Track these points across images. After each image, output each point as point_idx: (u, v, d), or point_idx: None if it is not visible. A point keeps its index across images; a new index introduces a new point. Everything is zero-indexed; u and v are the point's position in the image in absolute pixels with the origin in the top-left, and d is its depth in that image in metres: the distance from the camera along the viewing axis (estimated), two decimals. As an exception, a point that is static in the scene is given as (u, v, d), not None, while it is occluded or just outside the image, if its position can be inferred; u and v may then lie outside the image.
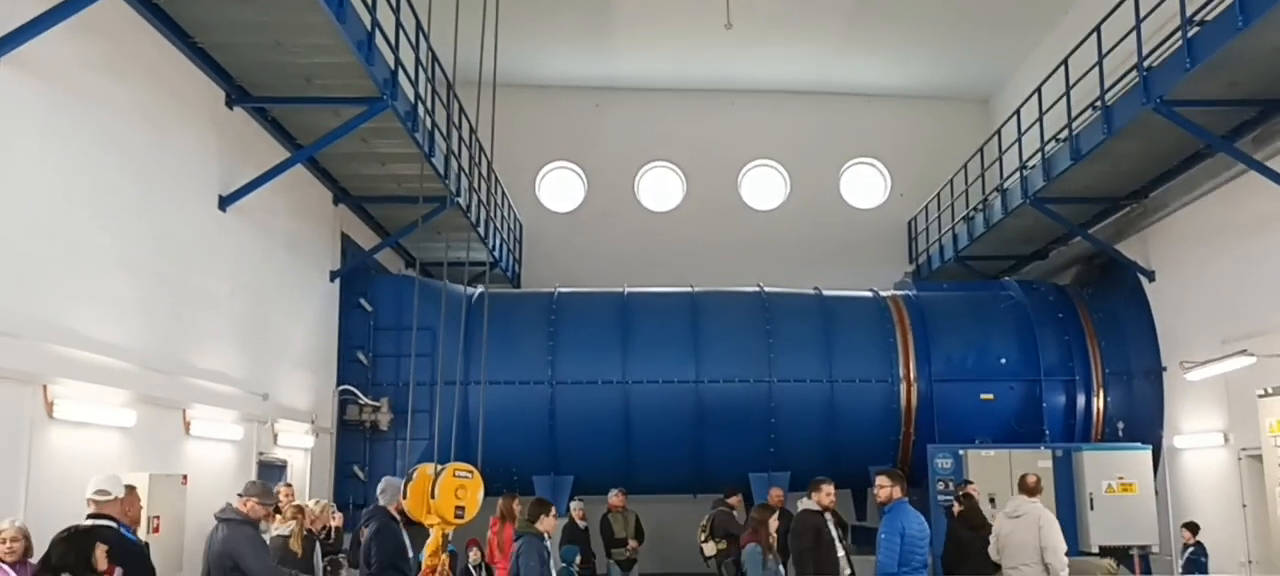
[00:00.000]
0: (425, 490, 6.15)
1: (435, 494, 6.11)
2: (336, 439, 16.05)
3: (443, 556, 6.28)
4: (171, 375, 10.70)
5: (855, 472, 17.22)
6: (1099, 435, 16.84)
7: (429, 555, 6.27)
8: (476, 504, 6.26)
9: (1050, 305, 17.66)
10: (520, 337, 17.01)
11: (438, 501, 6.10)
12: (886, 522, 8.83)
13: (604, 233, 22.69)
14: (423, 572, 6.30)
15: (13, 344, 8.10)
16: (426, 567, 6.27)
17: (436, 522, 6.19)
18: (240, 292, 12.63)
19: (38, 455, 8.35)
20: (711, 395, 16.88)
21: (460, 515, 6.19)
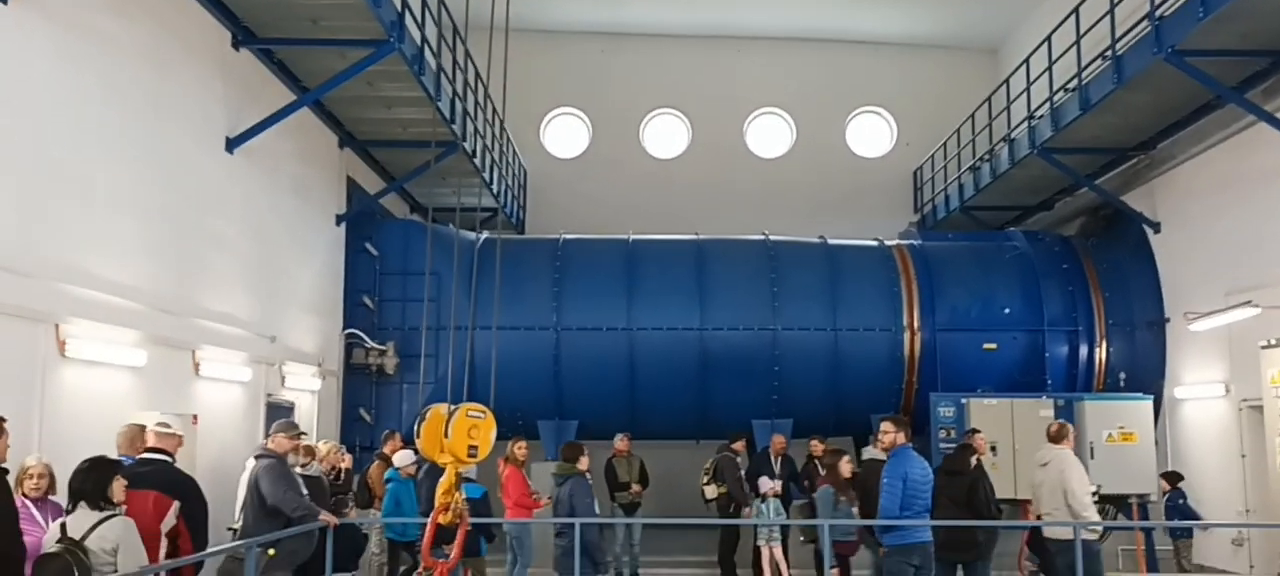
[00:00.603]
0: (439, 430, 6.22)
1: (449, 433, 6.18)
2: (343, 382, 16.16)
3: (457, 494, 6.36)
4: (181, 316, 10.77)
5: (858, 421, 17.32)
6: (1101, 385, 16.93)
7: (442, 493, 6.35)
8: (489, 443, 6.33)
9: (1055, 256, 17.68)
10: (526, 283, 17.03)
11: (451, 441, 6.17)
12: (889, 467, 8.90)
13: (609, 180, 22.64)
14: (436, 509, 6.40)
15: (25, 283, 8.16)
16: (439, 504, 6.36)
17: (450, 461, 6.26)
18: (248, 235, 12.67)
19: (51, 393, 8.44)
20: (716, 342, 16.94)
21: (473, 454, 6.26)
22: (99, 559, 5.60)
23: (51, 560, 5.54)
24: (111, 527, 5.74)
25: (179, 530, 6.72)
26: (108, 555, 5.65)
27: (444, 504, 6.35)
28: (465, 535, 6.74)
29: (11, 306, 7.99)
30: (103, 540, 5.68)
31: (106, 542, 5.68)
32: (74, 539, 5.65)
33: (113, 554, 5.66)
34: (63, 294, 8.66)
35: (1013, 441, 15.19)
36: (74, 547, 5.58)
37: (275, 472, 8.15)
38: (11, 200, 8.16)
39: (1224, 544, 14.05)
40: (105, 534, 5.69)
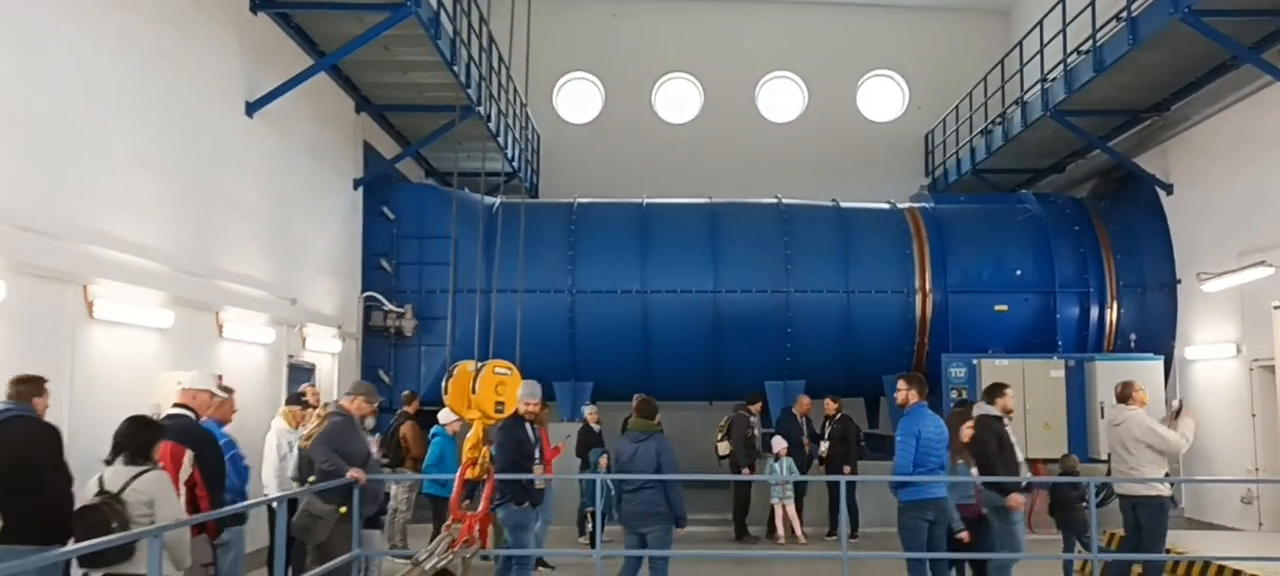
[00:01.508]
0: (466, 386, 6.35)
1: (475, 389, 6.31)
2: (362, 344, 16.33)
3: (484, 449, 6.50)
4: (204, 278, 10.92)
5: (869, 382, 17.51)
6: (1111, 346, 17.03)
7: (469, 448, 6.49)
8: (515, 399, 6.47)
9: (1066, 218, 17.72)
10: (540, 247, 17.14)
11: (478, 396, 6.30)
12: (903, 425, 9.01)
13: (620, 144, 22.67)
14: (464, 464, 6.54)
15: (52, 244, 8.30)
16: (467, 459, 6.50)
17: (477, 417, 6.39)
18: (267, 198, 12.79)
19: (80, 353, 8.60)
20: (729, 305, 17.07)
21: (500, 410, 6.39)
22: (136, 510, 5.74)
23: (90, 512, 5.68)
24: (147, 481, 5.89)
25: (195, 480, 6.84)
26: (144, 507, 5.78)
27: (472, 458, 6.49)
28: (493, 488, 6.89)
29: (40, 267, 8.13)
30: (138, 493, 5.82)
31: (142, 495, 5.82)
32: (112, 492, 5.79)
33: (149, 506, 5.80)
34: (89, 255, 8.80)
35: (1024, 402, 15.32)
36: (112, 500, 5.73)
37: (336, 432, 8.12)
38: (37, 162, 8.28)
39: (1233, 502, 14.18)
40: (140, 487, 5.83)
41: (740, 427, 14.27)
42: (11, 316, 7.77)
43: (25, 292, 7.92)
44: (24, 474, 6.03)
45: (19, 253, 7.84)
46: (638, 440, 8.88)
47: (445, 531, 6.48)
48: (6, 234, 7.71)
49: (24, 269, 7.90)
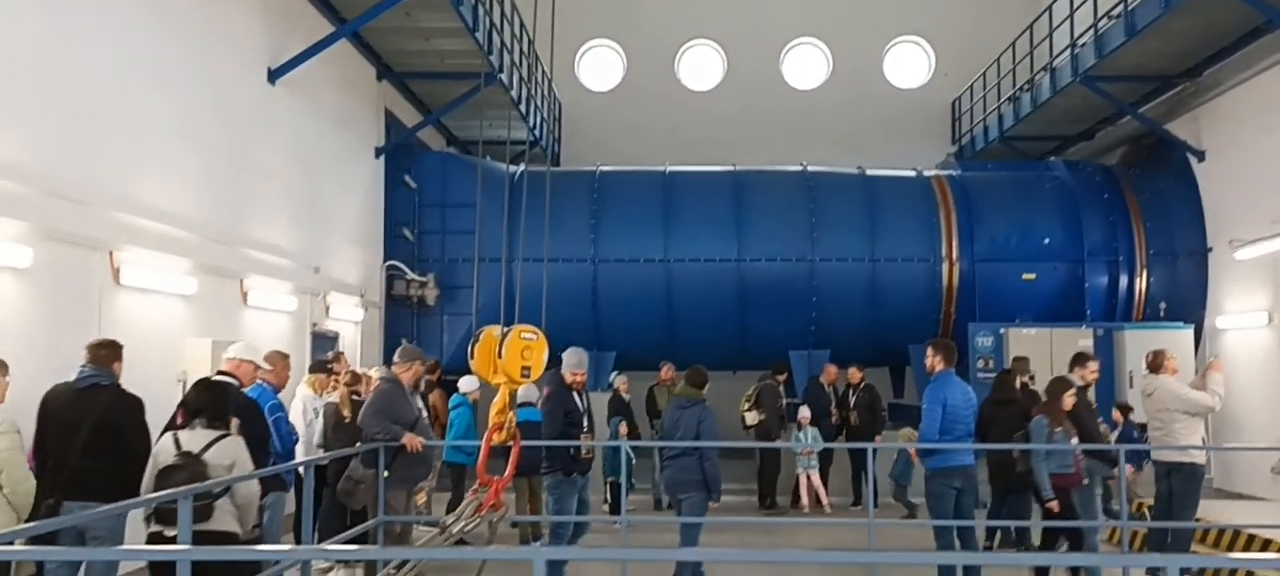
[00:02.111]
0: (492, 351, 6.32)
1: (502, 354, 6.28)
2: (385, 313, 16.35)
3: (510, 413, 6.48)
4: (229, 245, 10.94)
5: (895, 351, 17.39)
6: (1140, 315, 16.85)
7: (496, 413, 6.47)
8: (542, 364, 6.43)
9: (1096, 185, 17.51)
10: (563, 216, 17.06)
11: (505, 361, 6.27)
12: (929, 393, 8.93)
13: (644, 112, 22.51)
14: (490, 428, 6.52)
15: (79, 210, 8.33)
16: (493, 424, 6.48)
17: (504, 382, 6.37)
18: (290, 166, 12.79)
19: (107, 318, 8.62)
20: (753, 273, 16.99)
21: (526, 375, 6.36)
22: (216, 472, 5.92)
23: (175, 471, 5.84)
24: (229, 445, 6.08)
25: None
26: (224, 469, 5.97)
27: (498, 423, 6.47)
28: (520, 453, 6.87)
29: (67, 233, 8.16)
30: (221, 455, 6.01)
31: (224, 458, 6.02)
32: (192, 453, 5.94)
33: (229, 469, 6.00)
34: (116, 222, 8.82)
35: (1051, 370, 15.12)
36: (193, 460, 5.90)
37: (380, 398, 8.38)
38: (64, 129, 8.28)
39: (1263, 472, 14.03)
40: (223, 450, 6.03)
41: (771, 397, 14.16)
42: (39, 282, 7.80)
43: (53, 258, 7.95)
44: (108, 437, 6.30)
45: (46, 218, 7.86)
46: (682, 407, 8.95)
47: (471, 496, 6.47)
48: (34, 200, 7.73)
49: (51, 234, 7.92)
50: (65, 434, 6.37)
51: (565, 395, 8.65)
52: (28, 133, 7.83)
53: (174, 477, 5.78)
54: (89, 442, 6.31)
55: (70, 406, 6.44)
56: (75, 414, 6.39)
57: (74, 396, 6.49)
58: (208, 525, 5.82)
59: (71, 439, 6.34)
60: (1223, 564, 8.83)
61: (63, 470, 6.30)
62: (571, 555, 8.52)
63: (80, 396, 6.48)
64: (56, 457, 6.35)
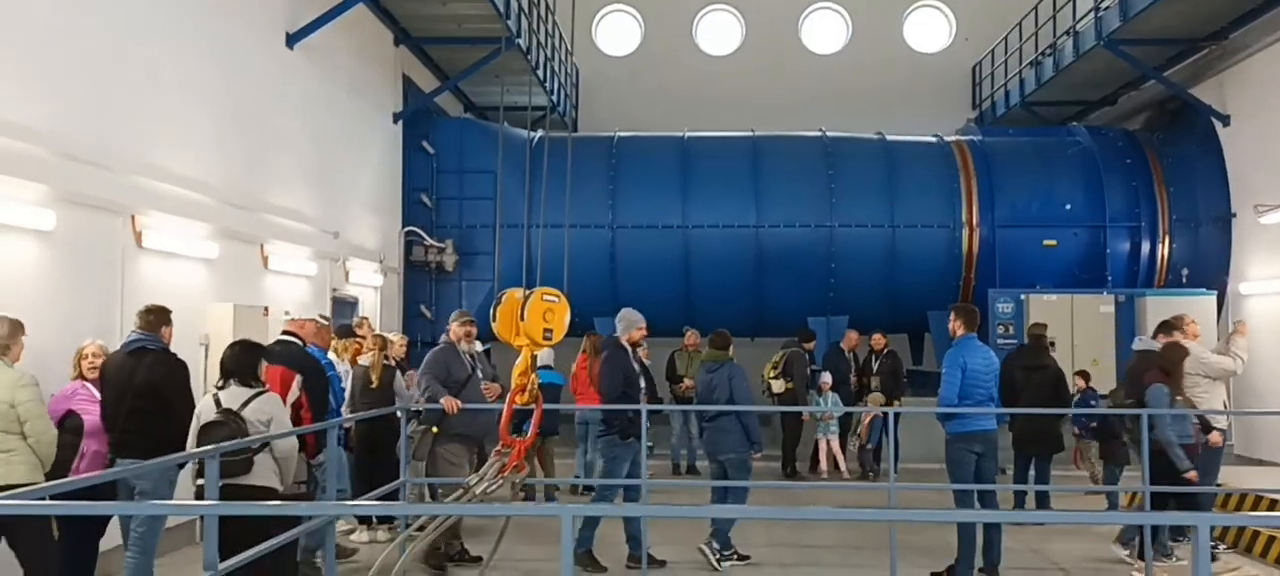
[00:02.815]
0: (514, 313, 6.31)
1: (524, 316, 6.27)
2: (404, 278, 16.39)
3: (532, 376, 6.48)
4: (249, 210, 10.95)
5: (914, 318, 17.34)
6: (1162, 282, 16.75)
7: (518, 375, 6.47)
8: (564, 327, 6.41)
9: (1118, 151, 17.36)
10: (581, 182, 17.01)
11: (527, 323, 6.26)
12: (949, 357, 8.87)
13: (661, 78, 22.40)
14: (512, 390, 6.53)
15: (102, 175, 8.34)
16: (516, 386, 6.48)
17: (525, 344, 6.37)
18: (309, 132, 12.78)
19: (130, 282, 8.66)
20: (772, 240, 16.94)
21: (548, 337, 6.35)
22: (254, 428, 6.19)
23: (217, 427, 6.11)
24: (266, 402, 6.39)
25: (302, 403, 7.35)
26: (262, 425, 6.25)
27: (520, 385, 6.47)
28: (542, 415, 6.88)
29: (90, 197, 8.18)
30: (258, 412, 6.29)
31: (262, 415, 6.30)
32: (232, 410, 6.22)
33: (266, 425, 6.28)
34: (138, 186, 8.84)
35: (1072, 337, 15.15)
36: (233, 417, 6.17)
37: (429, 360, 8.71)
38: (83, 93, 8.28)
39: (1284, 439, 13.97)
40: (261, 407, 6.32)
41: (800, 365, 14.03)
42: (62, 246, 7.83)
43: (75, 222, 7.97)
44: (156, 399, 6.59)
45: (68, 182, 7.88)
46: (712, 370, 9.08)
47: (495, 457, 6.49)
48: (55, 163, 7.74)
49: (73, 198, 7.94)
50: (115, 396, 6.66)
51: (622, 356, 8.70)
52: (47, 97, 7.84)
53: (215, 434, 6.03)
54: (135, 404, 6.60)
55: (120, 370, 6.72)
56: (124, 376, 6.67)
57: (123, 360, 6.77)
58: (248, 479, 6.10)
59: (120, 400, 6.63)
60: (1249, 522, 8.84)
61: (113, 430, 6.63)
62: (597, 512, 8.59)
63: (128, 360, 6.74)
64: (109, 418, 6.67)
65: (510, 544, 8.68)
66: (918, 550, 8.90)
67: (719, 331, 9.44)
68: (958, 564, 8.33)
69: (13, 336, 6.30)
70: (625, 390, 8.57)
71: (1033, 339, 11.38)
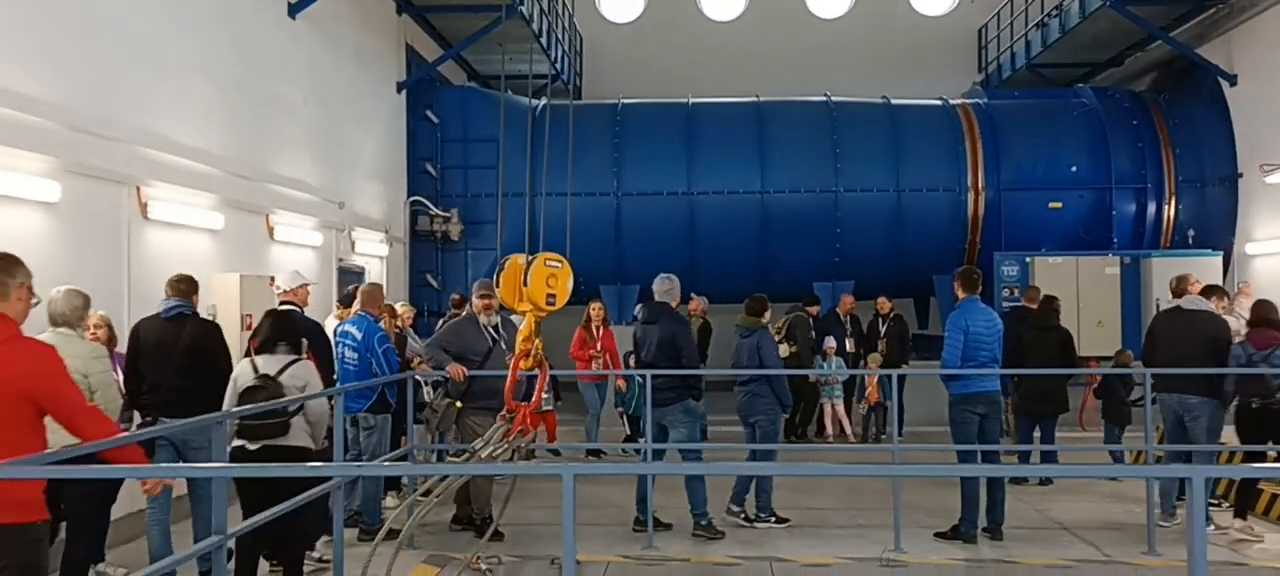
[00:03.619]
0: (517, 278, 6.35)
1: (527, 282, 6.31)
2: (410, 248, 16.43)
3: (536, 341, 6.53)
4: (254, 181, 10.99)
5: (919, 282, 17.36)
6: (1169, 242, 16.73)
7: (522, 340, 6.52)
8: (567, 292, 6.45)
9: (1124, 111, 17.29)
10: (585, 150, 16.98)
11: (530, 289, 6.30)
12: (951, 320, 8.91)
13: (665, 44, 22.29)
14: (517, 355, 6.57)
15: (108, 146, 8.37)
16: (520, 352, 6.53)
17: (529, 309, 6.41)
18: (313, 102, 12.78)
19: (136, 253, 8.73)
20: (777, 205, 16.94)
21: (552, 302, 6.39)
22: (290, 392, 6.46)
23: (257, 391, 6.40)
24: (302, 367, 6.70)
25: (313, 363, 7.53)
26: (297, 389, 6.52)
27: (525, 350, 6.52)
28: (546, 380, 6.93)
29: (94, 168, 8.22)
30: (295, 377, 6.58)
31: (298, 380, 6.59)
32: (270, 375, 6.49)
33: (302, 388, 6.56)
34: (142, 157, 8.88)
35: (1077, 299, 15.13)
36: (271, 381, 6.45)
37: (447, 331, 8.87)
38: (86, 65, 8.30)
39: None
40: (297, 372, 6.62)
41: (803, 330, 14.03)
42: (67, 216, 7.88)
43: (81, 193, 8.02)
44: (198, 360, 6.91)
45: (73, 154, 7.91)
46: (744, 336, 9.16)
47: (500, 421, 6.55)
48: (60, 135, 7.77)
49: (78, 169, 7.98)
50: (159, 359, 6.93)
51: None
52: (52, 69, 7.86)
53: (256, 397, 6.32)
54: (181, 366, 6.89)
55: (161, 334, 6.99)
56: (166, 341, 6.94)
57: (163, 325, 7.02)
58: (284, 440, 6.37)
59: (165, 363, 6.90)
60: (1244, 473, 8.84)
61: (158, 391, 6.91)
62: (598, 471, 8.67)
63: (168, 325, 7.00)
64: (152, 380, 6.94)
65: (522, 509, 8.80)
66: (923, 511, 8.97)
67: (755, 297, 9.47)
68: (961, 523, 8.42)
69: (85, 308, 6.58)
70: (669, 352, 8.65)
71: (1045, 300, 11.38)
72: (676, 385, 8.61)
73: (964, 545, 8.30)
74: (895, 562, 7.81)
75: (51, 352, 4.40)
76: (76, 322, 6.48)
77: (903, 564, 7.81)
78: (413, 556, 7.84)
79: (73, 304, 6.44)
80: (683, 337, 8.74)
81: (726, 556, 8.07)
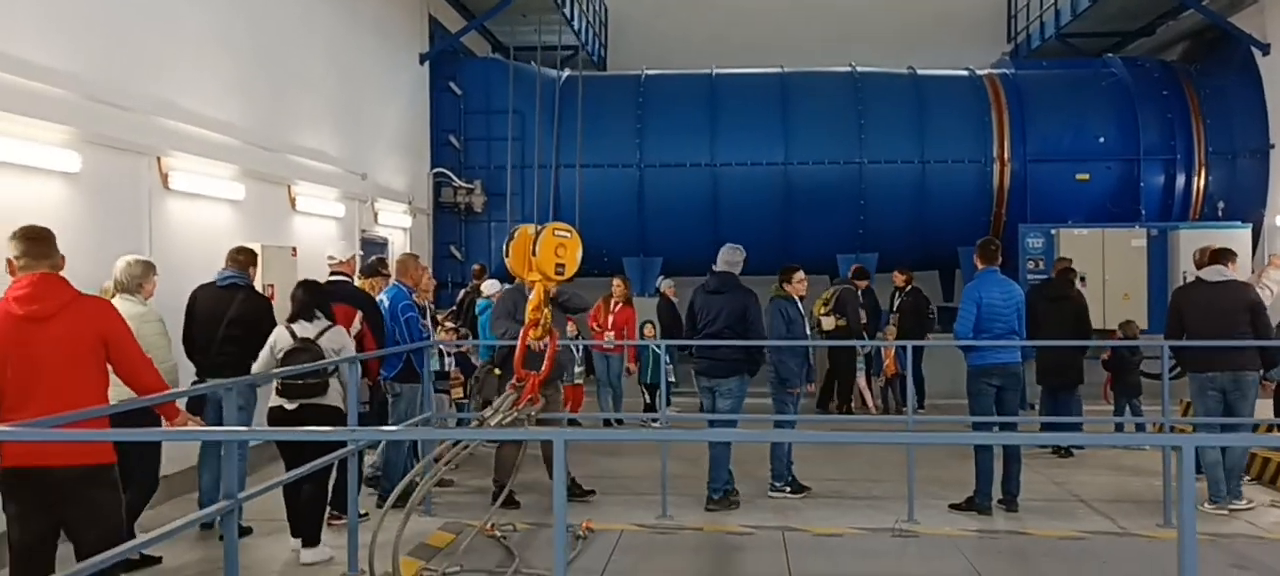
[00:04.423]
0: (526, 248, 6.38)
1: (536, 251, 6.33)
2: (433, 220, 16.51)
3: (546, 310, 6.56)
4: (275, 152, 11.07)
5: (944, 254, 17.24)
6: (1197, 215, 16.52)
7: (531, 310, 6.55)
8: (576, 262, 6.46)
9: (1154, 82, 17.04)
10: (609, 121, 17.05)
11: (538, 258, 6.33)
12: (966, 292, 8.89)
13: (690, 14, 22.14)
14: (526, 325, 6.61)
15: (128, 117, 8.46)
16: (529, 320, 6.56)
17: (538, 279, 6.43)
18: (334, 73, 12.84)
19: (158, 223, 8.83)
20: (800, 177, 16.87)
21: (561, 272, 6.41)
22: (327, 355, 6.94)
23: (298, 353, 6.89)
24: (336, 333, 7.18)
25: (365, 333, 8.07)
26: (333, 353, 7.00)
27: (534, 320, 6.55)
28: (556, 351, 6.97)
29: (115, 139, 8.30)
30: (331, 341, 7.07)
31: (334, 344, 7.08)
32: (309, 339, 6.98)
33: (337, 352, 7.04)
34: (163, 128, 8.97)
35: (1103, 272, 15.01)
36: (311, 344, 6.95)
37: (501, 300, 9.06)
38: (104, 37, 8.37)
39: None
40: (333, 337, 7.12)
41: (853, 303, 13.80)
42: (88, 187, 7.97)
43: (101, 164, 8.11)
44: (245, 328, 7.40)
45: (93, 124, 8.00)
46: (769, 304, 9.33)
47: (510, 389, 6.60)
48: (79, 105, 7.86)
49: (98, 140, 8.07)
50: (209, 324, 7.51)
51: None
52: (71, 39, 7.94)
53: (297, 359, 6.82)
54: (228, 332, 7.44)
55: (214, 302, 7.56)
56: (218, 308, 7.51)
57: (217, 293, 7.60)
58: (322, 400, 6.87)
59: (214, 329, 7.48)
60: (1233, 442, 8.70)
61: (207, 353, 7.50)
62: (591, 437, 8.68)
63: (222, 293, 7.58)
64: (201, 343, 7.54)
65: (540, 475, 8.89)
66: (939, 484, 8.95)
67: (787, 265, 9.68)
68: (975, 495, 8.40)
69: (145, 275, 6.98)
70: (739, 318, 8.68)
71: (1061, 270, 11.31)
72: (741, 357, 8.60)
73: (978, 516, 8.29)
74: (907, 532, 7.83)
75: (113, 307, 5.02)
76: (135, 289, 6.88)
77: (914, 534, 7.82)
78: (429, 523, 7.96)
79: (132, 272, 6.89)
80: (754, 310, 8.73)
81: (739, 525, 8.12)
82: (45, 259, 4.73)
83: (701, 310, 8.86)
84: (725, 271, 8.92)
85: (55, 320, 4.62)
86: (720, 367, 8.62)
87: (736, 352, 8.55)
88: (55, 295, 4.67)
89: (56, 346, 4.58)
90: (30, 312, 4.59)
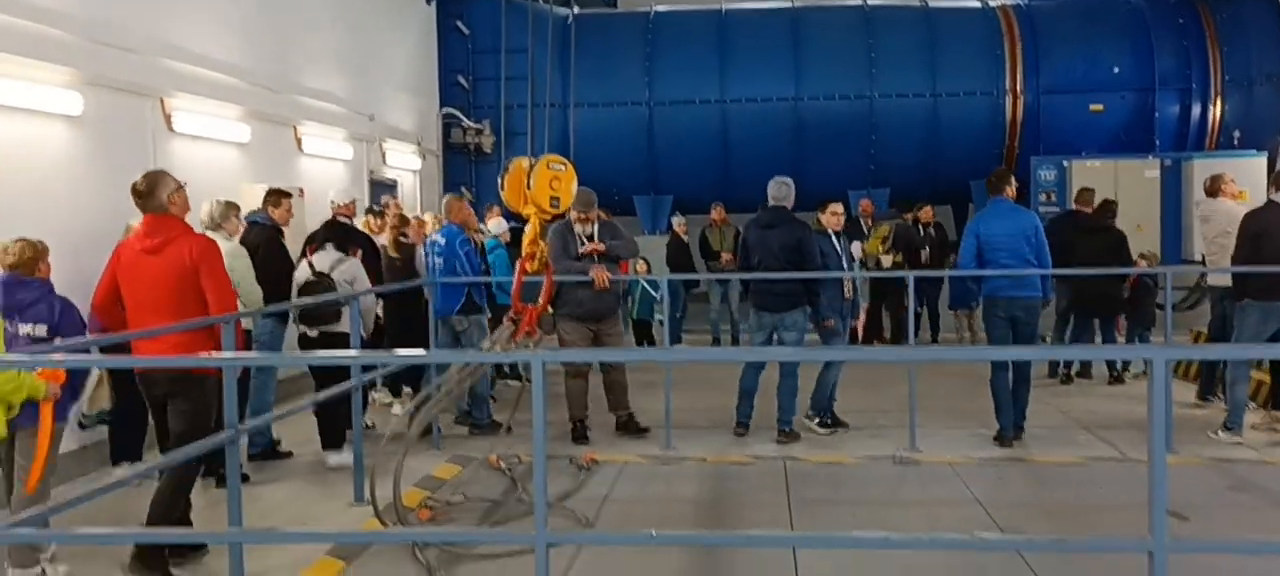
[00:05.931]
0: (521, 181, 6.41)
1: (531, 184, 6.36)
2: (443, 161, 16.52)
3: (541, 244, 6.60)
4: (280, 93, 11.09)
5: (956, 188, 17.12)
6: (1214, 144, 16.32)
7: (528, 243, 6.59)
8: (571, 194, 6.50)
9: (1169, 10, 16.77)
10: (618, 59, 16.97)
11: (533, 191, 6.36)
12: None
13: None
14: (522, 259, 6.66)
15: (130, 58, 8.49)
16: (526, 254, 6.61)
17: (534, 212, 6.47)
18: (339, 14, 12.81)
19: (163, 164, 8.75)
20: (811, 112, 16.76)
21: (556, 205, 6.45)
22: (341, 286, 7.65)
23: (314, 286, 7.64)
24: (349, 265, 7.94)
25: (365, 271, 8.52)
26: (346, 284, 7.76)
27: (530, 253, 6.60)
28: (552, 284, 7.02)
29: (117, 80, 8.34)
30: (344, 273, 7.82)
31: (346, 275, 7.82)
32: (324, 271, 7.77)
33: (350, 283, 7.80)
34: (165, 69, 9.00)
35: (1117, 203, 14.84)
36: (326, 277, 7.72)
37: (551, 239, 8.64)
38: (108, -22, 8.39)
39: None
40: (345, 270, 7.87)
41: (907, 238, 13.55)
42: (92, 128, 8.03)
43: (104, 105, 8.16)
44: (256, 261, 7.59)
45: (94, 65, 8.04)
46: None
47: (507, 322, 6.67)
48: (80, 46, 7.89)
49: (101, 81, 8.11)
50: None
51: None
52: (71, -19, 7.96)
53: (313, 290, 7.55)
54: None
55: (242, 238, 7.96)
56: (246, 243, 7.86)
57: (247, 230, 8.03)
58: (337, 327, 7.59)
59: None
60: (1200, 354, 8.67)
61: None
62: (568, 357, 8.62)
63: (248, 231, 8.00)
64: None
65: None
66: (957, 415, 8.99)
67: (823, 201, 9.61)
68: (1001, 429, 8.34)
69: (226, 215, 7.47)
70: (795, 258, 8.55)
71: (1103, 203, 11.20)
72: (798, 289, 8.43)
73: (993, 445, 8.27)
74: (907, 460, 7.89)
75: (212, 242, 5.68)
76: (221, 225, 7.37)
77: (915, 462, 7.87)
78: (436, 456, 8.09)
79: (219, 210, 7.46)
80: (809, 243, 8.54)
81: (743, 455, 8.19)
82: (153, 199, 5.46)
83: (756, 245, 8.72)
84: (777, 205, 8.78)
85: (163, 253, 5.40)
86: (780, 301, 8.47)
87: (795, 285, 8.38)
88: (164, 232, 5.42)
89: (161, 274, 5.40)
90: (145, 246, 5.43)
